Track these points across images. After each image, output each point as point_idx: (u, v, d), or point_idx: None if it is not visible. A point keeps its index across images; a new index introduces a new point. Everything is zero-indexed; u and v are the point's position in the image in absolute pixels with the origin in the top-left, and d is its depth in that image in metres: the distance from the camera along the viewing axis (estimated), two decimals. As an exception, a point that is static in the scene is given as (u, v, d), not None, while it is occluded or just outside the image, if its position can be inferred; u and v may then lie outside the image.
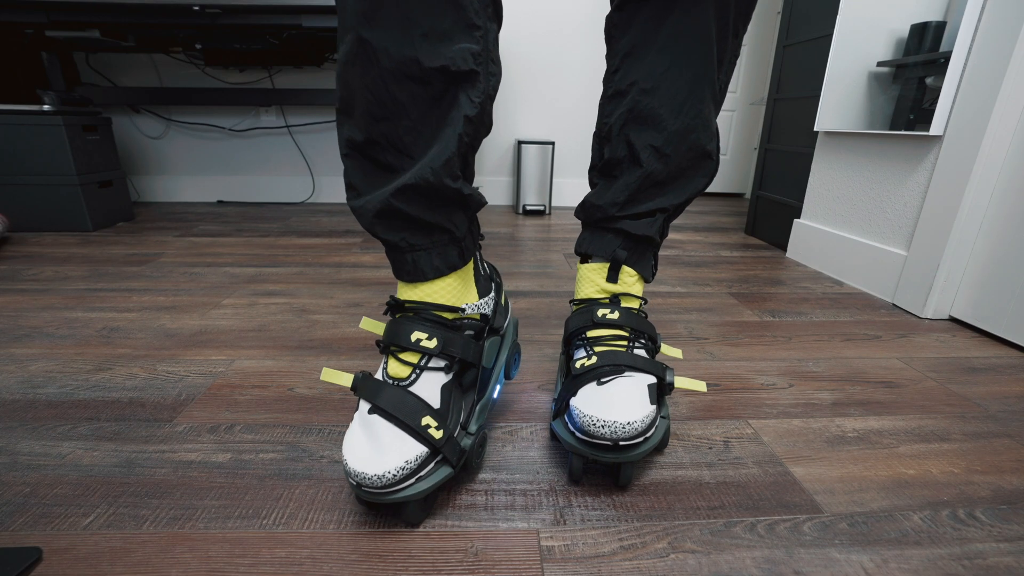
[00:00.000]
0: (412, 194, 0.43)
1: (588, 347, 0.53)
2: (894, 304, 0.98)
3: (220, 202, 1.98)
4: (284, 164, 1.99)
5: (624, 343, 0.53)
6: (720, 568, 0.40)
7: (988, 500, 0.48)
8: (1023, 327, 0.79)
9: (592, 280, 0.57)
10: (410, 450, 0.41)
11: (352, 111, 0.42)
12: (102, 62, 1.81)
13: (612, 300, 0.56)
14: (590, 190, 0.59)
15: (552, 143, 1.80)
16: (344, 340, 0.78)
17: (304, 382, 0.66)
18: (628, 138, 0.53)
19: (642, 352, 0.53)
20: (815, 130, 1.20)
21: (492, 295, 0.53)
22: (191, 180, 1.97)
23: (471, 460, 0.47)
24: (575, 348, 0.55)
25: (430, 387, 0.45)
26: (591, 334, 0.54)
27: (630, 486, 0.49)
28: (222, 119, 1.91)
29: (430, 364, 0.46)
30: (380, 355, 0.70)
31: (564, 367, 0.58)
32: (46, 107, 1.35)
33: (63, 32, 1.39)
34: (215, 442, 0.53)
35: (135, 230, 1.49)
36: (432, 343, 0.45)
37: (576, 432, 0.46)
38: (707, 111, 0.52)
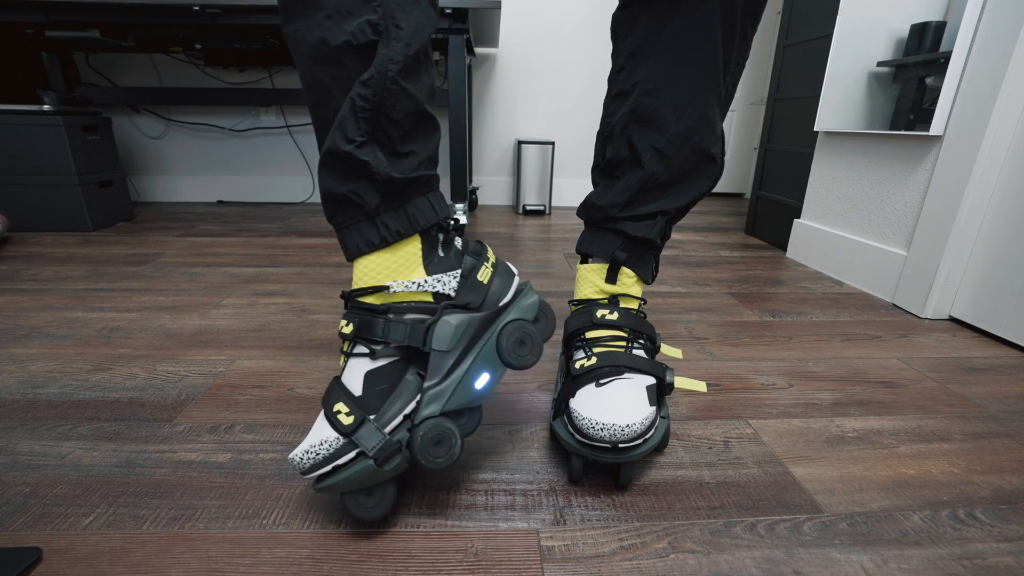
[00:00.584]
0: (326, 163, 0.43)
1: (587, 348, 0.53)
2: (894, 304, 0.98)
3: (220, 202, 1.98)
4: (284, 164, 1.99)
5: (623, 344, 0.53)
6: (720, 568, 0.40)
7: (988, 500, 0.48)
8: (1023, 327, 0.79)
9: (591, 281, 0.57)
10: (319, 435, 0.41)
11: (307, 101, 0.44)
12: (102, 62, 1.81)
13: (611, 301, 0.56)
14: (592, 189, 0.59)
15: (552, 143, 1.80)
16: (344, 340, 0.78)
17: (304, 382, 0.66)
18: (630, 139, 0.53)
19: (641, 352, 0.53)
20: (815, 130, 1.20)
21: (457, 272, 0.47)
22: (191, 180, 1.97)
23: (419, 458, 0.41)
24: (574, 349, 0.55)
25: (354, 374, 0.44)
26: (590, 335, 0.54)
27: (630, 486, 0.49)
28: (222, 119, 1.91)
29: (354, 351, 0.44)
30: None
31: (564, 367, 0.58)
32: (46, 107, 1.35)
33: (63, 32, 1.39)
34: (215, 442, 0.53)
35: (135, 230, 1.49)
36: (348, 328, 0.44)
37: (575, 434, 0.46)
38: (711, 114, 0.52)
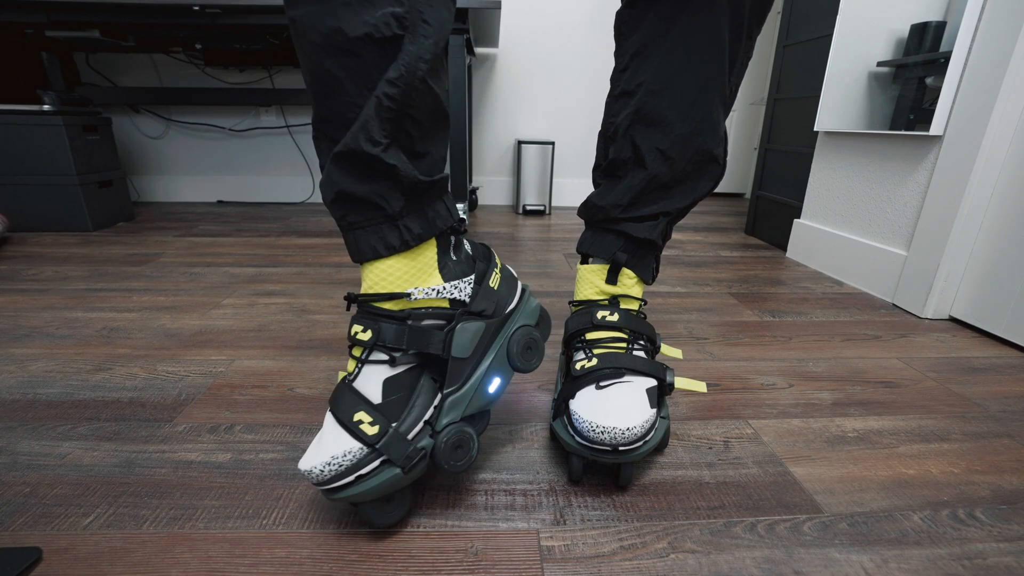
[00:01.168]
0: (342, 163, 0.41)
1: (587, 349, 0.53)
2: (894, 304, 0.98)
3: (220, 202, 1.98)
4: (284, 164, 1.99)
5: (623, 345, 0.53)
6: (720, 568, 0.40)
7: (988, 500, 0.48)
8: (1023, 327, 0.79)
9: (591, 281, 0.57)
10: (341, 446, 0.40)
11: (311, 93, 0.41)
12: (102, 62, 1.81)
13: (611, 302, 0.56)
14: (594, 189, 0.59)
15: (552, 143, 1.80)
16: (344, 340, 0.78)
17: (304, 382, 0.66)
18: (633, 139, 0.53)
19: (641, 353, 0.53)
20: (815, 130, 1.20)
21: (471, 278, 0.47)
22: (191, 180, 1.97)
23: (443, 463, 0.42)
24: (574, 350, 0.55)
25: (370, 381, 0.43)
26: (590, 336, 0.54)
27: (630, 486, 0.49)
28: (222, 119, 1.91)
29: (371, 357, 0.43)
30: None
31: (564, 367, 0.58)
32: (46, 107, 1.35)
33: (63, 32, 1.39)
34: (215, 442, 0.53)
35: (135, 230, 1.49)
36: (367, 335, 0.43)
37: (575, 435, 0.46)
38: (715, 115, 0.51)
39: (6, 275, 1.06)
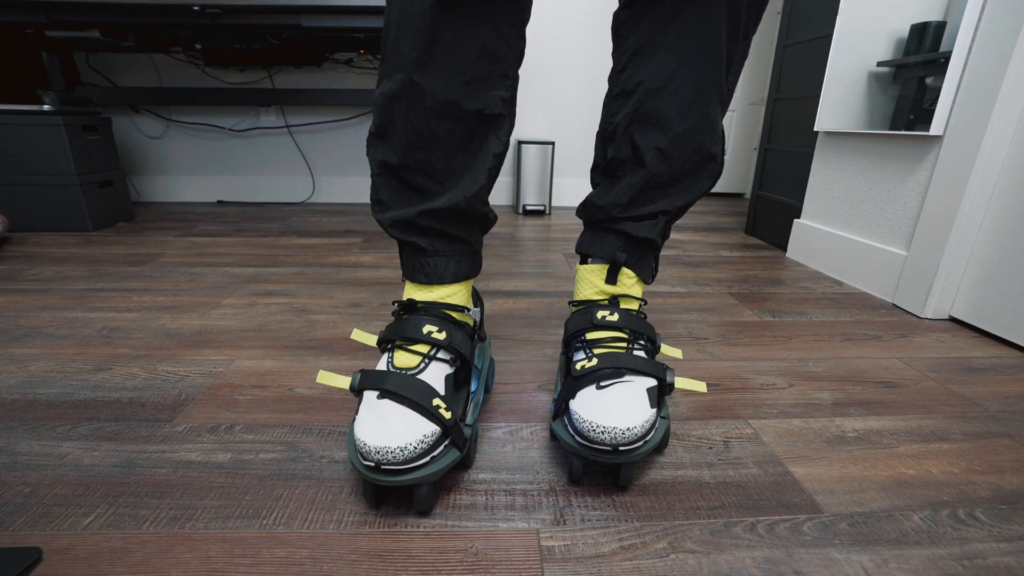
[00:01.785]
0: (443, 215, 0.50)
1: (587, 349, 0.53)
2: (894, 304, 0.98)
3: (220, 202, 1.98)
4: (284, 164, 1.99)
5: (623, 345, 0.53)
6: (720, 568, 0.40)
7: (988, 500, 0.48)
8: (1023, 327, 0.79)
9: (591, 281, 0.57)
10: (425, 427, 0.43)
11: (389, 138, 0.48)
12: (102, 62, 1.81)
13: (611, 302, 0.56)
14: (592, 190, 0.59)
15: (552, 143, 1.80)
16: (344, 340, 0.78)
17: (304, 382, 0.66)
18: (632, 139, 0.53)
19: (641, 353, 0.53)
20: (815, 130, 1.20)
21: (479, 308, 0.59)
22: (191, 180, 1.97)
23: (470, 452, 0.49)
24: (574, 350, 0.55)
25: (437, 376, 0.48)
26: (590, 336, 0.54)
27: (630, 486, 0.49)
28: (222, 119, 1.91)
29: (438, 355, 0.49)
30: (379, 355, 0.70)
31: (564, 367, 0.58)
32: (46, 107, 1.35)
33: (63, 32, 1.39)
34: (215, 442, 0.53)
35: (135, 230, 1.49)
36: (442, 335, 0.49)
37: (576, 435, 0.46)
38: (713, 114, 0.52)
39: (6, 275, 1.06)
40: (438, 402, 0.44)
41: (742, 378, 0.69)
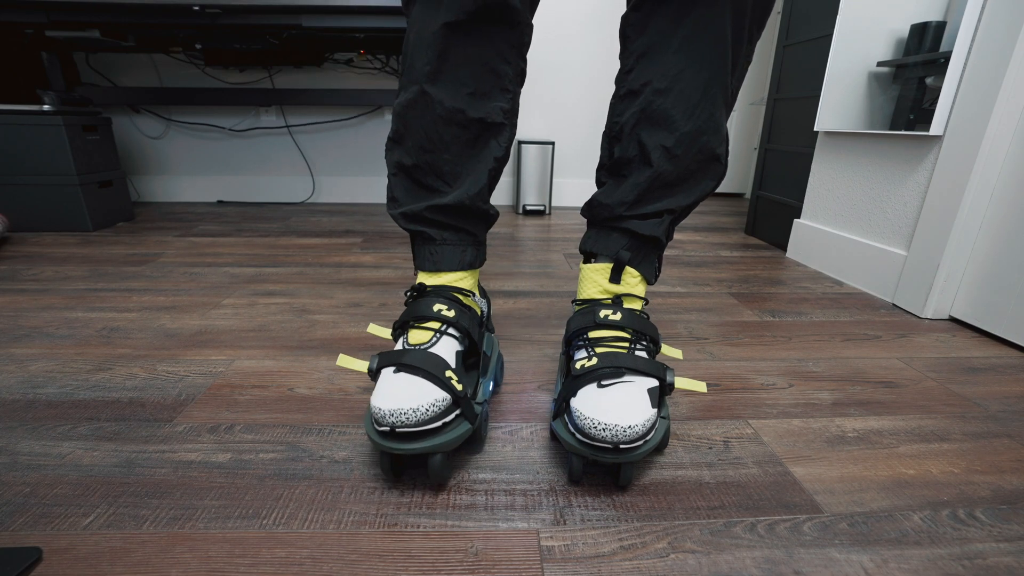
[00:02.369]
0: (449, 210, 0.55)
1: (589, 348, 0.53)
2: (894, 304, 0.98)
3: (220, 202, 1.98)
4: (284, 164, 1.99)
5: (626, 344, 0.53)
6: (720, 568, 0.40)
7: (988, 500, 0.48)
8: (1023, 327, 0.79)
9: (595, 280, 0.57)
10: (436, 392, 0.45)
11: (405, 142, 0.54)
12: (102, 62, 1.81)
13: (614, 301, 0.56)
14: (597, 189, 0.60)
15: (552, 143, 1.80)
16: (344, 340, 0.78)
17: (304, 382, 0.66)
18: (639, 138, 0.54)
19: (643, 354, 0.53)
20: (815, 130, 1.20)
21: (486, 300, 0.62)
22: (191, 180, 1.97)
23: (481, 430, 0.51)
24: (576, 348, 0.55)
25: (448, 350, 0.51)
26: (593, 335, 0.54)
27: (630, 486, 0.49)
28: (222, 119, 1.91)
29: (448, 331, 0.52)
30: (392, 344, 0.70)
31: (564, 367, 0.58)
32: (46, 107, 1.35)
33: (63, 32, 1.39)
34: (215, 442, 0.53)
35: (135, 230, 1.49)
36: (451, 313, 0.52)
37: (576, 434, 0.46)
38: (719, 114, 0.53)
39: (6, 275, 1.06)
40: (450, 373, 0.47)
41: (742, 378, 0.69)
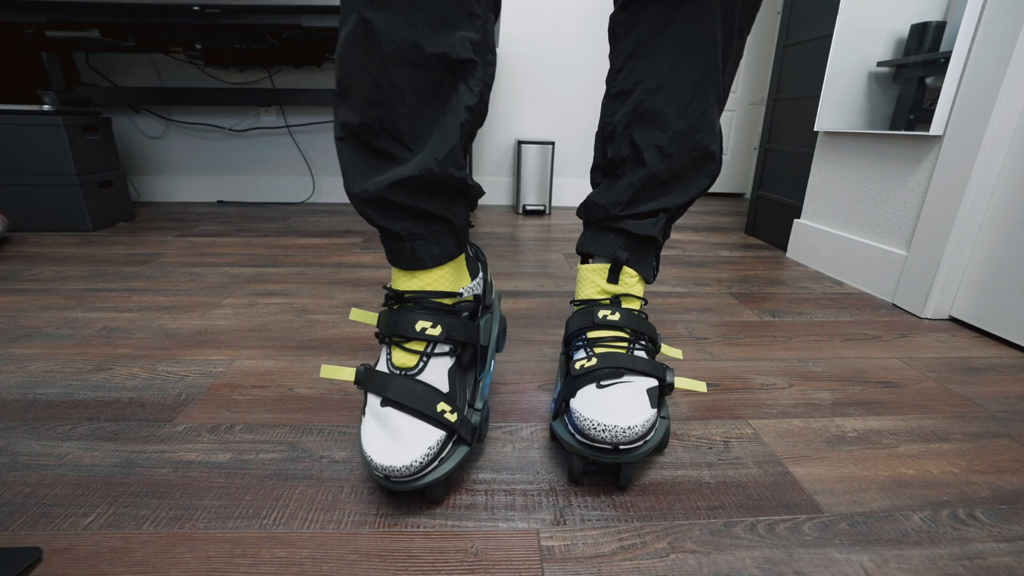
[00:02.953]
0: (414, 185, 0.43)
1: (588, 348, 0.53)
2: (894, 304, 0.98)
3: (220, 202, 1.98)
4: (284, 164, 1.99)
5: (624, 344, 0.53)
6: (720, 568, 0.40)
7: (988, 500, 0.48)
8: (1023, 327, 0.79)
9: (593, 281, 0.57)
10: (430, 437, 0.43)
11: (350, 94, 0.42)
12: (102, 62, 1.81)
13: (613, 301, 0.56)
14: (592, 190, 0.59)
15: (552, 143, 1.80)
16: (344, 340, 0.78)
17: (304, 382, 0.66)
18: (632, 138, 0.53)
19: (642, 353, 0.53)
20: (815, 130, 1.20)
21: (480, 275, 0.54)
22: (191, 180, 1.97)
23: (483, 433, 0.50)
24: (575, 349, 0.55)
25: (438, 373, 0.47)
26: (591, 335, 0.54)
27: (630, 486, 0.49)
28: (222, 119, 1.91)
29: (436, 351, 0.47)
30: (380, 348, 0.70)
31: (564, 367, 0.58)
32: (46, 107, 1.35)
33: (63, 32, 1.39)
34: (215, 442, 0.53)
35: (135, 230, 1.49)
36: (437, 331, 0.46)
37: (576, 434, 0.46)
38: (711, 111, 0.52)
39: (6, 275, 1.06)
40: (443, 406, 0.44)
41: (742, 378, 0.69)
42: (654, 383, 0.50)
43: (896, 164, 0.99)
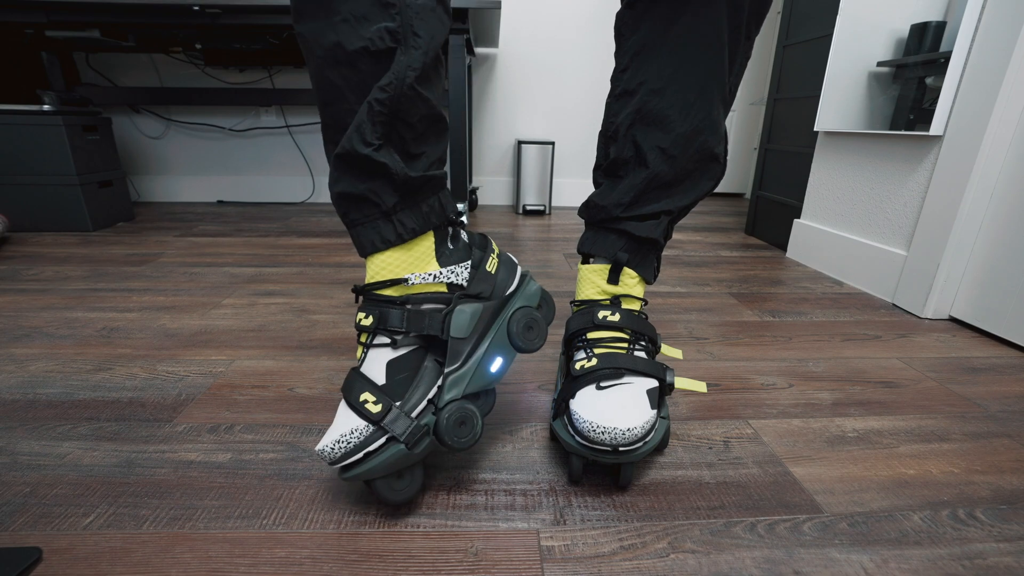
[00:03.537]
0: (341, 163, 0.44)
1: (588, 349, 0.53)
2: (894, 304, 0.98)
3: (220, 202, 1.98)
4: (284, 164, 1.99)
5: (624, 345, 0.53)
6: (720, 568, 0.40)
7: (988, 500, 0.48)
8: (1023, 327, 0.79)
9: (593, 281, 0.57)
10: (348, 424, 0.42)
11: (317, 100, 0.46)
12: (102, 62, 1.81)
13: (613, 302, 0.56)
14: (594, 189, 0.59)
15: (552, 143, 1.80)
16: (344, 340, 0.78)
17: (304, 382, 0.66)
18: (635, 138, 0.53)
19: (642, 354, 0.53)
20: (815, 130, 1.20)
21: (467, 263, 0.49)
22: (191, 180, 1.97)
23: (446, 439, 0.43)
24: (575, 349, 0.55)
25: (375, 364, 0.46)
26: (591, 335, 0.54)
27: (630, 486, 0.49)
28: (222, 119, 1.91)
29: (375, 342, 0.46)
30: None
31: (564, 367, 0.58)
32: (46, 107, 1.35)
33: (63, 32, 1.39)
34: (215, 442, 0.53)
35: (135, 230, 1.49)
36: (368, 321, 0.46)
37: (576, 435, 0.46)
38: (716, 113, 0.52)
39: (6, 275, 1.06)
40: (365, 396, 0.43)
41: (742, 378, 0.69)
42: (654, 383, 0.50)
43: (896, 164, 0.99)
